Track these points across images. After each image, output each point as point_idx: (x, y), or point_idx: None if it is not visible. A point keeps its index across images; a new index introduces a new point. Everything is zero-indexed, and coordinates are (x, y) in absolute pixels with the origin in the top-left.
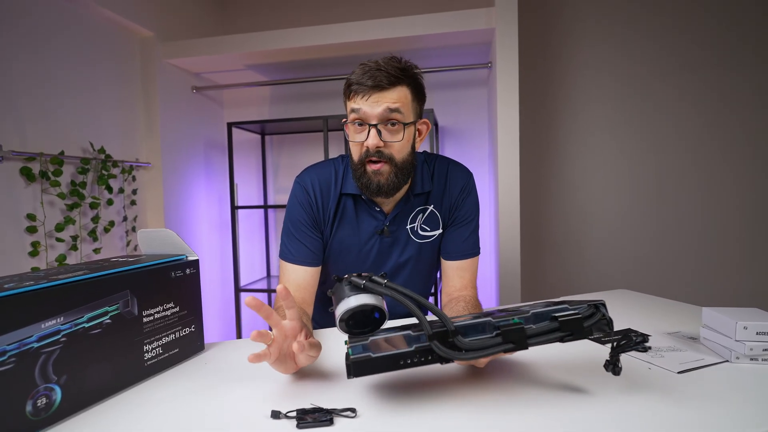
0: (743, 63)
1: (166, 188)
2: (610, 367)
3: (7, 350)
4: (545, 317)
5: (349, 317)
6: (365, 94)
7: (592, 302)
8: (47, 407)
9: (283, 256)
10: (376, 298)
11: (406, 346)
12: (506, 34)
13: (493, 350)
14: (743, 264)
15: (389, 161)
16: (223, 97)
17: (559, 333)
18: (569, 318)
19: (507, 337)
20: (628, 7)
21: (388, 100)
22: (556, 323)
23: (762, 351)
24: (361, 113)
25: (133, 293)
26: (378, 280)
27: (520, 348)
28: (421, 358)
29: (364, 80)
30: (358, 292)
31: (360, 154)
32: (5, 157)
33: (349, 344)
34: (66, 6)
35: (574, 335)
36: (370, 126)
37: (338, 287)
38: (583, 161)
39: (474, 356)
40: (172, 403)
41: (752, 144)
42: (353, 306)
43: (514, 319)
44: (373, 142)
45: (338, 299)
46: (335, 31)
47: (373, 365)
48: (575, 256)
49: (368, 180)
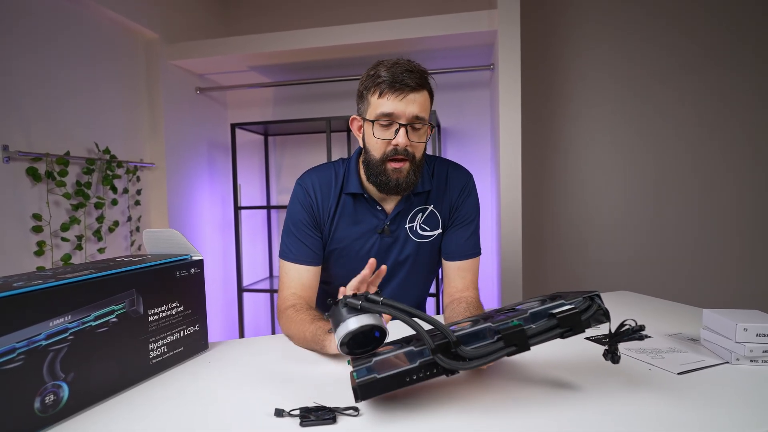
0: (743, 64)
1: (169, 188)
2: (609, 356)
3: (16, 348)
4: (543, 315)
5: (349, 339)
6: (401, 94)
7: (587, 294)
8: (55, 404)
9: (284, 255)
10: (375, 317)
11: (410, 363)
12: (508, 37)
13: (496, 355)
14: (744, 265)
15: (411, 160)
16: (227, 99)
17: (559, 330)
18: (567, 314)
19: (508, 341)
20: (628, 9)
21: (419, 102)
22: (555, 320)
23: (762, 353)
24: (394, 111)
25: (139, 292)
26: (374, 298)
27: (522, 350)
28: (426, 372)
29: (404, 78)
30: (356, 313)
31: (384, 152)
32: (12, 158)
33: (353, 367)
34: (72, 8)
35: (574, 330)
36: (400, 125)
37: (335, 310)
38: (584, 162)
39: (478, 364)
40: (177, 401)
41: (752, 145)
42: (353, 329)
43: (513, 321)
44: (404, 141)
45: (336, 322)
46: (338, 33)
47: (379, 386)
48: (576, 257)
49: (387, 178)
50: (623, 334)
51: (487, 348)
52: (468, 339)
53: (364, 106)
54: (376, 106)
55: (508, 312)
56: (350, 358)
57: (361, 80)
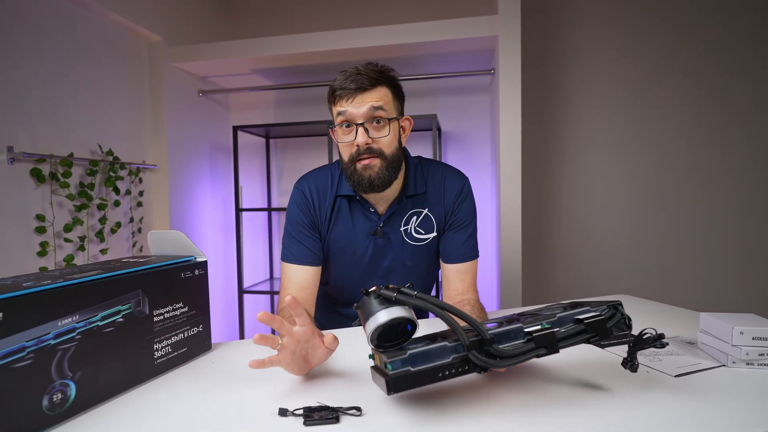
0: (744, 68)
1: (171, 190)
2: (628, 364)
3: (26, 346)
4: (569, 320)
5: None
6: (350, 97)
7: (611, 303)
8: (62, 402)
9: (285, 257)
10: (408, 310)
11: (443, 358)
12: (509, 42)
13: (528, 355)
14: (743, 270)
15: (380, 156)
16: (229, 101)
17: (586, 335)
18: (593, 320)
19: (539, 342)
20: (628, 14)
21: (371, 99)
22: (582, 326)
23: (758, 356)
24: (347, 115)
25: (145, 293)
26: (408, 291)
27: (552, 352)
28: (459, 368)
29: (348, 84)
30: (388, 305)
31: (350, 154)
32: (16, 159)
33: (387, 359)
34: (75, 10)
35: (599, 336)
36: (357, 125)
37: (366, 301)
38: (584, 167)
39: (511, 363)
40: (181, 401)
41: (753, 150)
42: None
43: (544, 323)
44: (362, 139)
45: (367, 314)
46: (340, 37)
47: (412, 379)
48: (576, 261)
49: (359, 176)
50: (645, 342)
51: (518, 347)
52: (500, 338)
53: (332, 114)
54: (335, 112)
55: (533, 315)
56: (372, 352)
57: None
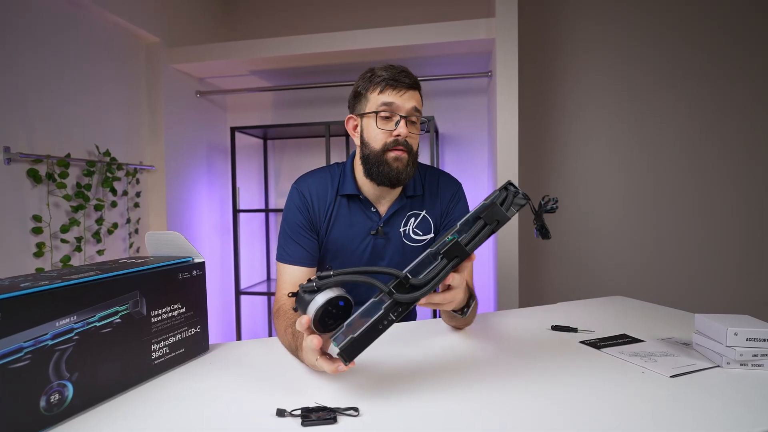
0: (741, 69)
1: (169, 191)
2: (543, 231)
3: (23, 347)
4: (471, 222)
5: (320, 318)
6: (401, 90)
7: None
8: (59, 403)
9: (280, 257)
10: (333, 290)
11: (376, 313)
12: (506, 44)
13: (445, 272)
14: (737, 271)
15: (410, 152)
16: (227, 102)
17: (488, 227)
18: (488, 210)
19: (449, 255)
20: (625, 16)
21: (415, 100)
22: (481, 221)
23: (752, 356)
24: (394, 106)
25: (142, 294)
26: (325, 274)
27: (464, 258)
28: (393, 313)
29: (401, 78)
30: (316, 293)
31: (386, 142)
32: (13, 159)
33: (332, 339)
34: (74, 11)
35: (500, 222)
36: (402, 117)
37: (298, 299)
38: (581, 169)
39: (433, 285)
40: (179, 402)
41: (749, 151)
42: (320, 304)
43: (448, 237)
44: (405, 131)
45: (303, 308)
46: (338, 39)
47: (359, 343)
48: (572, 262)
49: (389, 167)
50: (544, 207)
51: (434, 270)
52: (416, 270)
53: (362, 104)
54: (377, 100)
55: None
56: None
57: (357, 83)
